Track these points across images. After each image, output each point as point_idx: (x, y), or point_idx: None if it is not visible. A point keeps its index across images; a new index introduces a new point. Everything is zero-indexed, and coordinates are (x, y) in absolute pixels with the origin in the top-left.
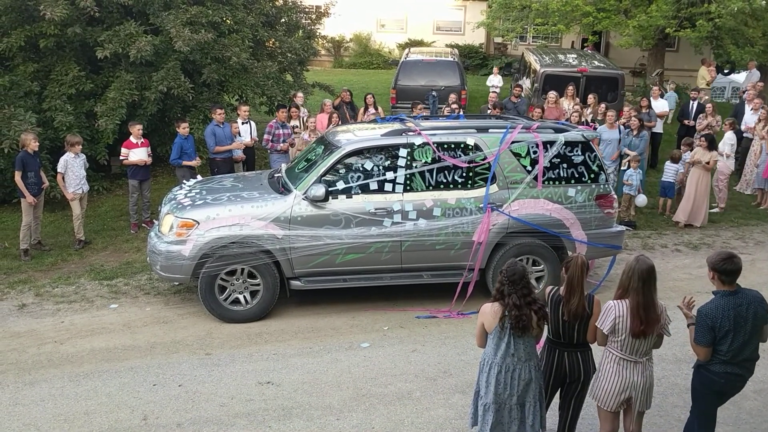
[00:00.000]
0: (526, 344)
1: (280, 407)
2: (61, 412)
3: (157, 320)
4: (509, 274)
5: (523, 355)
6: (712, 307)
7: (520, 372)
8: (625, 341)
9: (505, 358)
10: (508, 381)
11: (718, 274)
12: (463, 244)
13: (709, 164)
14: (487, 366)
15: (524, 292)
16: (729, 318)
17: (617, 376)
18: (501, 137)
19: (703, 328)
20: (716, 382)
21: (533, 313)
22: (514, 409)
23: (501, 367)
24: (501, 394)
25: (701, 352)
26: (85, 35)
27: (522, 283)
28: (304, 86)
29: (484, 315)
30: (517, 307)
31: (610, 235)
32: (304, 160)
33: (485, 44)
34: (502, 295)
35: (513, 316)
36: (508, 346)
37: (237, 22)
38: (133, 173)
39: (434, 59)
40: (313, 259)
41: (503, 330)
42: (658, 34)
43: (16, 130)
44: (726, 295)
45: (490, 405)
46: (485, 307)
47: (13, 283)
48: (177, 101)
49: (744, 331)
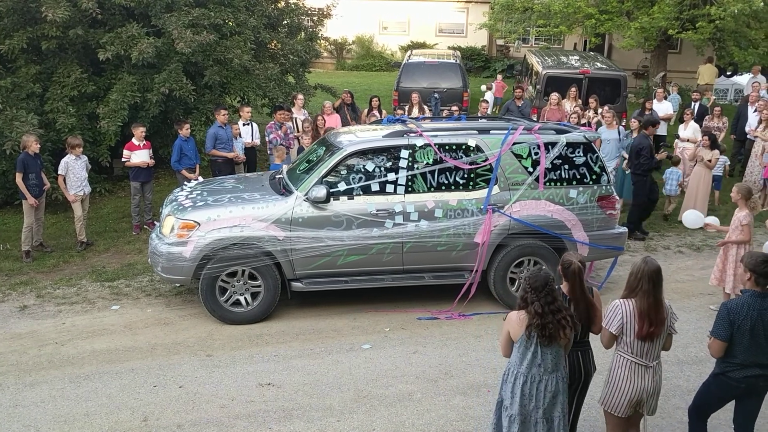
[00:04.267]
0: (554, 354)
1: (281, 409)
2: (62, 413)
3: (158, 322)
4: (532, 281)
5: (550, 366)
6: (738, 303)
7: (547, 383)
8: (634, 344)
9: (531, 368)
10: (533, 392)
11: (756, 276)
12: (464, 246)
13: (711, 162)
14: (512, 376)
15: (548, 299)
16: (752, 318)
17: (629, 382)
18: (503, 138)
19: (722, 321)
20: (737, 387)
21: (561, 321)
22: (540, 423)
23: (527, 377)
24: (526, 405)
25: (715, 345)
26: (87, 37)
27: (546, 290)
28: (306, 88)
29: (510, 323)
30: (540, 315)
31: (612, 236)
32: (305, 161)
33: (487, 46)
34: (526, 302)
35: (537, 325)
36: (534, 355)
37: (239, 24)
38: (135, 175)
39: (436, 61)
40: (315, 261)
41: (530, 339)
42: (661, 36)
43: (18, 132)
44: (755, 295)
45: (515, 416)
46: (512, 314)
47: (15, 285)
48: (179, 103)
49: (764, 335)
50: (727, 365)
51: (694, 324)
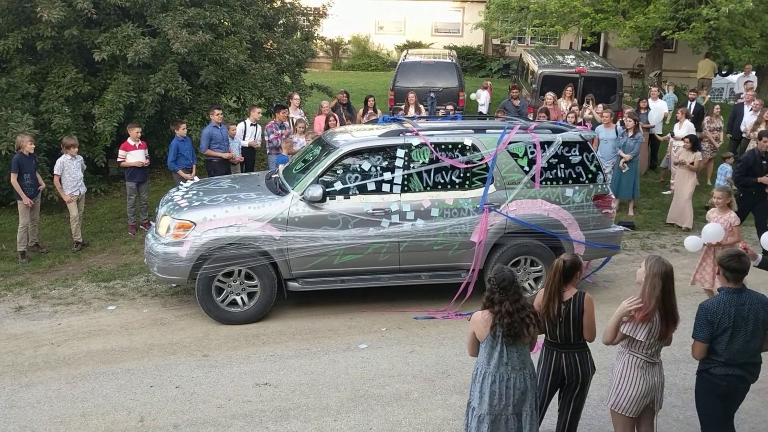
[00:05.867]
0: (520, 352)
1: (278, 408)
2: (58, 414)
3: (154, 322)
4: (499, 281)
5: (518, 364)
6: (713, 303)
7: (515, 381)
8: (647, 344)
9: (499, 368)
10: (503, 391)
11: (723, 270)
12: (461, 245)
13: (694, 165)
14: (480, 376)
15: (515, 298)
16: (729, 315)
17: (642, 381)
18: (498, 138)
19: (701, 322)
20: (718, 385)
21: (525, 320)
22: (510, 419)
23: (495, 376)
24: (496, 405)
25: (697, 348)
26: (83, 37)
27: (513, 288)
28: (302, 88)
29: (475, 323)
30: (510, 314)
31: (608, 235)
32: (301, 160)
33: (483, 46)
34: (492, 302)
35: (505, 324)
36: (501, 354)
37: (235, 23)
38: (131, 175)
39: (432, 61)
40: (311, 260)
41: (495, 338)
42: (656, 35)
43: (14, 133)
44: (730, 292)
45: (485, 416)
46: (476, 315)
47: (10, 285)
48: (175, 103)
49: (744, 331)
50: (710, 362)
51: (690, 322)
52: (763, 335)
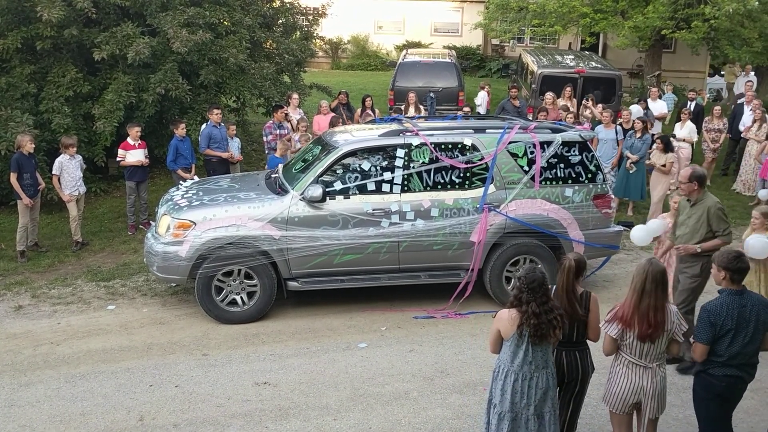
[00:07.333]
0: (544, 352)
1: (277, 408)
2: (57, 413)
3: (154, 321)
4: (529, 281)
5: (541, 363)
6: (717, 305)
7: (537, 380)
8: (634, 344)
9: (522, 366)
10: (525, 389)
11: (730, 273)
12: (460, 245)
13: (665, 167)
14: (502, 374)
15: (543, 299)
16: (732, 317)
17: (626, 380)
18: (498, 137)
19: (704, 324)
20: (717, 385)
21: (552, 321)
22: (531, 420)
23: (518, 375)
24: (517, 403)
25: (698, 349)
26: (82, 37)
27: (542, 290)
28: (301, 87)
29: (500, 321)
30: (537, 315)
31: (608, 235)
32: (301, 160)
33: (483, 46)
34: (520, 302)
35: (532, 325)
36: (525, 353)
37: (234, 23)
38: (131, 175)
39: (432, 61)
40: (311, 260)
41: (521, 337)
42: (655, 35)
43: (13, 132)
44: (732, 294)
45: (505, 414)
46: (502, 313)
47: (10, 285)
48: (174, 103)
49: (745, 333)
50: (710, 363)
51: None
52: (762, 336)
